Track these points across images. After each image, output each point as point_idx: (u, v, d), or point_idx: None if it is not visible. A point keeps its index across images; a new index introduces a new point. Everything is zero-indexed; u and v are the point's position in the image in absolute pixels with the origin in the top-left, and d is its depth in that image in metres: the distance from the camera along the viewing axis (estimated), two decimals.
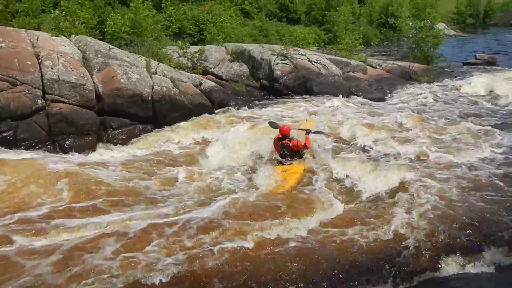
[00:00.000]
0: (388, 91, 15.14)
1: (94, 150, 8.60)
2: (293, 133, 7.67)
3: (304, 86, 14.11)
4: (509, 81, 15.21)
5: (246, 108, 11.88)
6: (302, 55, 15.37)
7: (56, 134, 8.56)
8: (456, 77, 17.45)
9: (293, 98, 13.37)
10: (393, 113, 11.27)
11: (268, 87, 14.39)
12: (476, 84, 15.15)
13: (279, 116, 10.70)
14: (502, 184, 6.59)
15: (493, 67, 20.17)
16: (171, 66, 12.51)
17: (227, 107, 11.75)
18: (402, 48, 22.73)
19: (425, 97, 13.61)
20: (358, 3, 33.77)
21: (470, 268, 4.84)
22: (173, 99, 10.32)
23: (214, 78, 14.29)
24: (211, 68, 14.88)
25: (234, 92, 13.49)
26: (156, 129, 9.78)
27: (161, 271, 4.34)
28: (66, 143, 8.58)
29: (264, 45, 16.33)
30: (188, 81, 11.70)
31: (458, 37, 36.69)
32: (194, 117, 10.36)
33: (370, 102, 13.15)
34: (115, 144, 9.01)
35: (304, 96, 13.59)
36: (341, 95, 13.15)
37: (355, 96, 13.70)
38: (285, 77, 14.07)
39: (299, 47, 17.51)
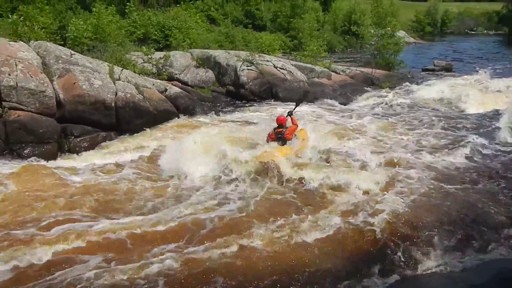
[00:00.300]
0: (352, 97, 15.49)
1: (55, 159, 8.37)
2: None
3: (270, 92, 14.26)
4: (465, 87, 15.93)
5: (212, 113, 11.89)
6: (267, 61, 15.52)
7: (14, 143, 8.29)
8: (416, 83, 18.05)
9: (259, 104, 13.47)
10: (356, 117, 11.56)
11: (234, 93, 14.44)
12: (435, 89, 15.81)
13: (245, 121, 10.73)
14: (468, 184, 6.95)
15: (450, 73, 21.05)
16: (135, 72, 12.36)
17: (193, 113, 11.71)
18: (365, 55, 23.35)
19: (386, 103, 14.00)
20: (323, 11, 34.50)
21: (443, 267, 4.94)
22: (138, 106, 10.19)
23: (180, 84, 14.20)
24: (176, 74, 14.79)
25: (200, 98, 13.46)
26: (120, 136, 9.63)
27: None
28: (25, 152, 8.30)
29: (230, 51, 16.39)
30: (153, 87, 11.59)
31: (418, 45, 38.10)
32: (159, 124, 10.28)
33: (335, 107, 13.39)
34: (77, 152, 8.78)
35: (270, 101, 13.70)
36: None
37: (319, 102, 13.94)
38: (251, 83, 14.16)
39: (264, 53, 17.68)
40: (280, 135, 8.00)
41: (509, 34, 51.44)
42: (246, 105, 13.44)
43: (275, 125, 8.16)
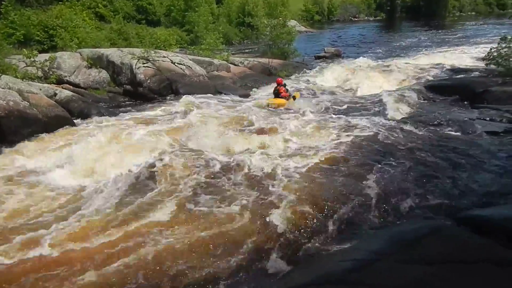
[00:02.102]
0: (252, 87, 15.87)
1: None
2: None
3: (170, 88, 14.01)
4: (354, 71, 17.28)
5: (110, 115, 11.27)
6: (164, 57, 15.21)
7: None
8: (310, 69, 19.15)
9: (160, 101, 13.16)
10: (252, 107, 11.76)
11: (132, 92, 13.92)
12: (328, 74, 17.02)
13: (146, 120, 10.39)
14: (354, 161, 7.25)
15: (340, 58, 22.66)
16: (17, 77, 11.30)
17: (88, 117, 11.05)
18: (261, 46, 24.00)
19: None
20: (216, 3, 34.67)
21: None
22: (23, 114, 9.33)
23: (71, 87, 13.34)
24: (66, 76, 13.84)
25: (95, 100, 12.76)
26: (7, 148, 8.73)
27: None
28: None
29: (123, 49, 15.74)
30: (40, 92, 10.70)
31: (309, 33, 40.28)
32: (52, 131, 9.51)
33: (235, 98, 13.55)
34: None
35: (171, 98, 13.45)
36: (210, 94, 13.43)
37: (220, 94, 14.07)
38: (149, 81, 13.78)
39: (161, 49, 17.30)
40: (276, 91, 12.22)
41: (386, 20, 56.76)
42: (146, 103, 13.01)
43: None
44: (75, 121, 10.51)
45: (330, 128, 9.15)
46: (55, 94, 11.52)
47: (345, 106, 11.78)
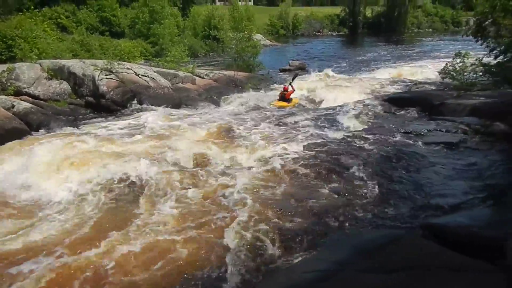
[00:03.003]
0: (217, 99, 15.86)
1: None
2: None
3: (134, 100, 13.78)
4: (318, 83, 17.65)
5: (71, 128, 10.92)
6: (128, 69, 14.99)
7: None
8: (275, 82, 19.40)
9: (122, 114, 12.92)
10: (219, 120, 11.73)
11: (95, 104, 13.58)
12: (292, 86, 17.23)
13: (105, 132, 10.14)
14: (309, 171, 7.32)
15: (304, 72, 23.08)
16: None
17: (48, 129, 10.70)
18: (227, 58, 24.11)
19: (247, 102, 14.72)
20: (182, 16, 34.69)
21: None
22: None
23: (30, 98, 12.86)
24: (25, 88, 13.35)
25: (55, 112, 12.37)
26: None
27: None
28: None
29: (85, 61, 15.40)
30: None
31: (274, 47, 40.90)
32: (7, 144, 9.12)
33: (200, 111, 13.51)
34: None
35: (134, 110, 13.23)
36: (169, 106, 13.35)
37: (185, 106, 13.99)
38: (112, 93, 13.51)
39: (125, 61, 17.06)
40: (283, 95, 14.54)
41: (349, 35, 58.55)
42: (109, 115, 12.74)
43: None
44: (33, 133, 10.17)
45: (290, 139, 9.28)
46: (13, 106, 11.12)
47: (307, 117, 11.88)
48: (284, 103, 14.38)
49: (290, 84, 14.88)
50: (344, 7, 66.10)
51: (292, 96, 14.77)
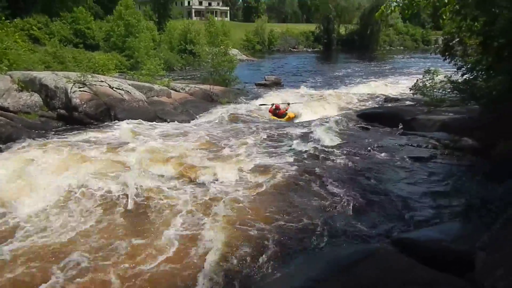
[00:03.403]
0: (193, 113, 15.79)
1: None
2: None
3: (108, 113, 13.56)
4: (294, 99, 17.84)
5: (41, 140, 10.56)
6: (102, 81, 14.77)
7: None
8: (251, 97, 19.52)
9: (96, 127, 12.65)
10: (194, 134, 11.60)
11: (67, 116, 13.27)
12: (269, 102, 17.27)
13: (76, 145, 9.87)
14: (290, 184, 7.45)
15: (280, 86, 23.37)
16: None
17: (17, 142, 10.35)
18: (203, 72, 24.14)
19: (223, 116, 14.72)
20: (158, 30, 34.66)
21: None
22: None
23: None
24: None
25: (25, 125, 12.02)
26: None
27: None
28: None
29: (58, 73, 15.10)
30: None
31: (250, 62, 41.28)
32: None
33: (176, 125, 13.36)
34: None
35: (108, 123, 13.00)
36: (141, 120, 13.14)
37: (160, 120, 13.86)
38: (85, 105, 13.25)
39: (99, 73, 16.84)
40: (277, 113, 15.41)
41: (323, 51, 59.77)
42: (81, 128, 12.44)
43: None
44: (1, 146, 9.83)
45: (264, 154, 9.28)
46: None
47: (281, 132, 11.86)
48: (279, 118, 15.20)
49: (288, 104, 16.08)
50: (318, 24, 67.76)
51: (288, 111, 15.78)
